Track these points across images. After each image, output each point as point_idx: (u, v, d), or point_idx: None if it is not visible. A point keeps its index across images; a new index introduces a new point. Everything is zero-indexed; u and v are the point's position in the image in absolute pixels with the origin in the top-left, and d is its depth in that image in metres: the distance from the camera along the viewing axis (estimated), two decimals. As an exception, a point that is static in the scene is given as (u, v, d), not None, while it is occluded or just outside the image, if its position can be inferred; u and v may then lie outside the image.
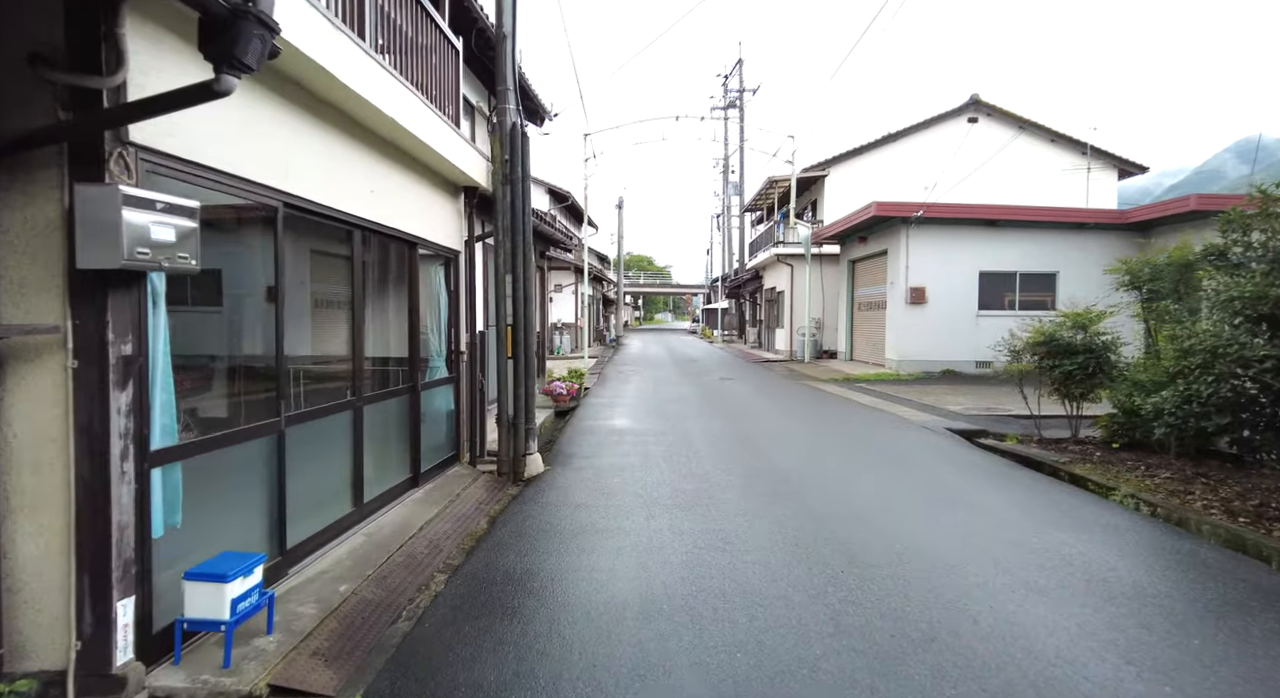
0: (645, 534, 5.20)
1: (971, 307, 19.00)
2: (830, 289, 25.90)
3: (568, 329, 29.28)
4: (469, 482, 6.70)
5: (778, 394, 14.78)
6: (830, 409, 12.33)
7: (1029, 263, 19.03)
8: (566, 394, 12.64)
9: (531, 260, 7.13)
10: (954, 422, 10.71)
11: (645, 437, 9.26)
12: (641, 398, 13.89)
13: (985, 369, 18.83)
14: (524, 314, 7.10)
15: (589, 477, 7.05)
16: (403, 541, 4.90)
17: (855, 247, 22.66)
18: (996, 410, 11.93)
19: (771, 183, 27.46)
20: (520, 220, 7.02)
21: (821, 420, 11.03)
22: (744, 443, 8.83)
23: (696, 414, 11.44)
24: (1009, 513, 5.83)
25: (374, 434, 5.42)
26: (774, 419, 11.14)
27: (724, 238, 47.99)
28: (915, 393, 14.48)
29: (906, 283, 18.97)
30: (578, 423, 10.74)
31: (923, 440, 9.21)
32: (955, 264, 18.97)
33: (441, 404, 7.04)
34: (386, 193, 5.49)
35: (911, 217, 18.49)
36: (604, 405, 12.79)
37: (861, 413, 11.79)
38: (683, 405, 12.61)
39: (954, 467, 7.63)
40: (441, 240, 6.81)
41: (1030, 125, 25.59)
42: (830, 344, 25.85)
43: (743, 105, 41.28)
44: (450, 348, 7.15)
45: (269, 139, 3.83)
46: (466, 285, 7.38)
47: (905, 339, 19.02)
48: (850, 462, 7.85)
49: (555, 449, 8.62)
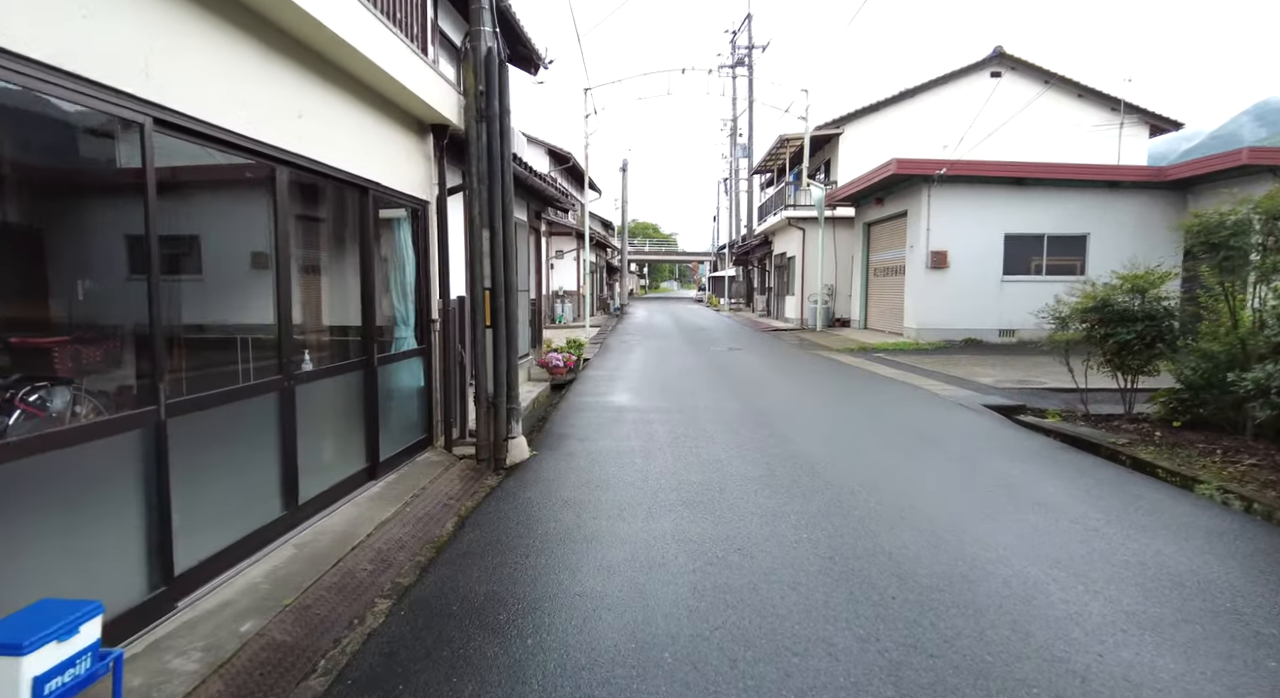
0: (644, 542, 4.24)
1: (996, 272, 17.87)
2: (843, 254, 24.72)
3: (569, 297, 28.24)
4: (440, 471, 5.75)
5: (792, 366, 13.78)
6: (851, 383, 11.32)
7: (1058, 225, 17.84)
8: (563, 367, 11.66)
9: (512, 213, 6.10)
10: (988, 396, 9.70)
11: (648, 415, 8.29)
12: (645, 370, 12.90)
13: (1009, 338, 17.80)
14: (504, 276, 6.08)
15: (581, 465, 6.09)
16: (343, 552, 3.95)
17: (871, 209, 21.46)
18: (1030, 383, 10.91)
19: (783, 141, 26.13)
20: (499, 165, 5.97)
21: (843, 396, 10.03)
22: (759, 423, 7.85)
23: (705, 389, 10.45)
24: (1081, 511, 4.85)
25: (313, 420, 4.46)
26: (790, 395, 10.15)
27: (731, 202, 46.59)
28: (939, 364, 13.45)
29: (927, 246, 17.83)
30: (574, 398, 9.77)
31: (959, 419, 8.21)
32: (979, 226, 17.80)
33: (409, 380, 6.06)
34: (324, 123, 4.45)
35: (934, 175, 17.28)
36: (604, 378, 11.82)
37: (885, 387, 10.78)
38: (689, 379, 11.62)
39: (1001, 451, 6.64)
40: (404, 187, 5.77)
41: (1056, 79, 24.12)
42: (843, 312, 24.76)
43: (751, 63, 39.63)
44: (420, 315, 6.15)
45: (114, 19, 2.79)
46: (439, 244, 6.35)
47: (925, 306, 17.94)
48: (882, 447, 6.87)
49: (547, 429, 7.66)
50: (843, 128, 25.55)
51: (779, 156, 28.96)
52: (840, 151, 25.93)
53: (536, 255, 13.58)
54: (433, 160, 6.27)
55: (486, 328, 6.05)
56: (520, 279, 10.97)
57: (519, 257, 11.21)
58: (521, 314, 11.17)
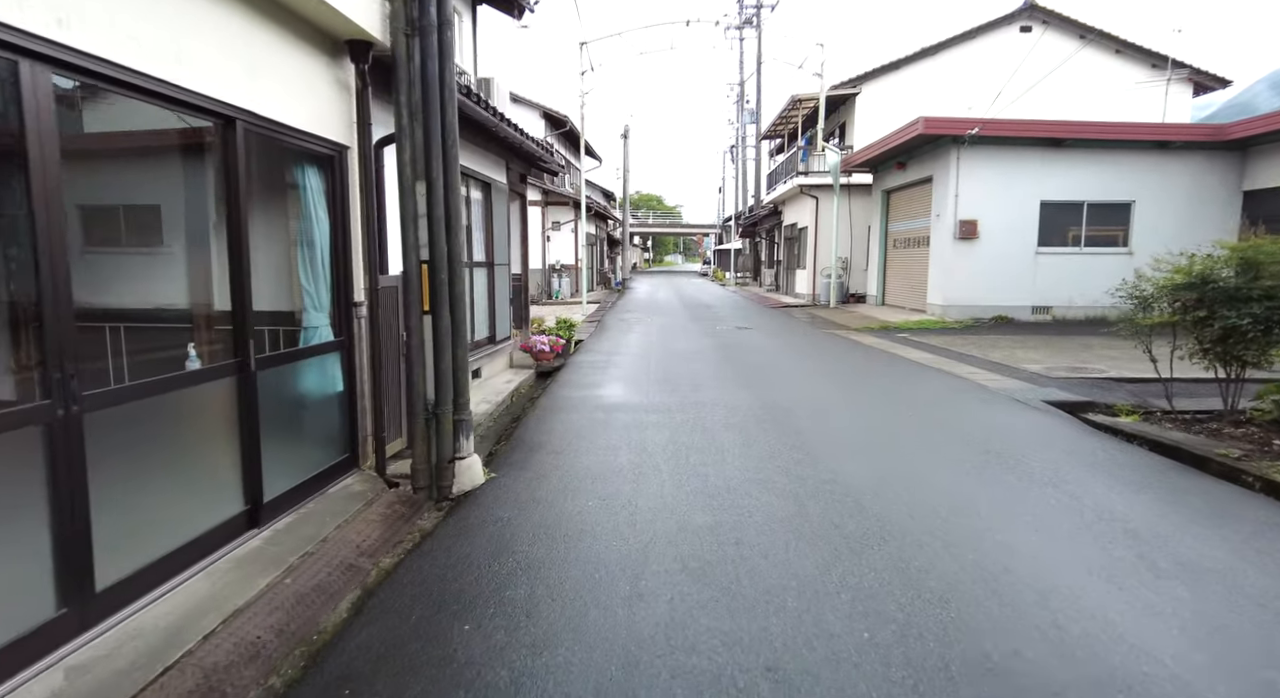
0: (623, 656, 2.78)
1: (1030, 242, 16.27)
2: (859, 225, 23.09)
3: (566, 271, 26.71)
4: (360, 507, 4.31)
5: (808, 349, 12.26)
6: (878, 370, 9.83)
7: (1100, 191, 16.19)
8: (550, 351, 10.20)
9: (456, 161, 4.57)
10: (1044, 389, 8.21)
11: (644, 416, 6.82)
12: (644, 354, 11.42)
13: (1044, 316, 16.26)
14: (448, 246, 4.59)
15: (551, 495, 4.62)
16: (147, 679, 2.51)
17: (891, 174, 19.78)
18: (1086, 371, 9.41)
19: (795, 102, 24.34)
20: (438, 94, 4.44)
21: (873, 388, 8.53)
22: (778, 427, 6.37)
23: (712, 378, 8.97)
24: (1260, 583, 3.39)
25: (133, 458, 3.01)
26: (810, 386, 8.65)
27: (738, 171, 44.71)
28: (974, 346, 11.94)
29: (955, 215, 16.21)
30: (559, 391, 8.31)
31: (1022, 421, 6.73)
32: (1012, 192, 16.17)
33: (321, 384, 4.59)
34: (158, 22, 2.93)
35: (965, 135, 15.60)
36: (597, 365, 10.35)
37: (920, 376, 9.28)
38: (694, 365, 10.14)
39: (1092, 470, 5.17)
40: (308, 125, 4.25)
41: (1093, 33, 22.20)
42: (858, 287, 23.18)
43: (760, 23, 37.56)
44: (338, 298, 4.67)
45: None
46: (367, 204, 4.84)
47: (952, 281, 16.37)
48: (939, 464, 5.39)
49: (517, 436, 6.21)
50: (860, 87, 23.73)
51: (790, 120, 27.15)
52: (856, 114, 24.13)
53: (523, 225, 12.03)
54: (353, 92, 4.73)
55: (424, 314, 4.57)
56: (500, 251, 9.47)
57: (498, 224, 9.70)
58: (503, 290, 9.69)
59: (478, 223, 8.86)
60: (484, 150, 8.75)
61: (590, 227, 32.72)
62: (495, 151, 9.14)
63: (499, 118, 7.54)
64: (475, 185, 8.69)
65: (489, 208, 9.06)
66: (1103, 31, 21.86)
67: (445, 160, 4.51)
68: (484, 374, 8.90)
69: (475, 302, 8.68)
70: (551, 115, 26.34)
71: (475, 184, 8.67)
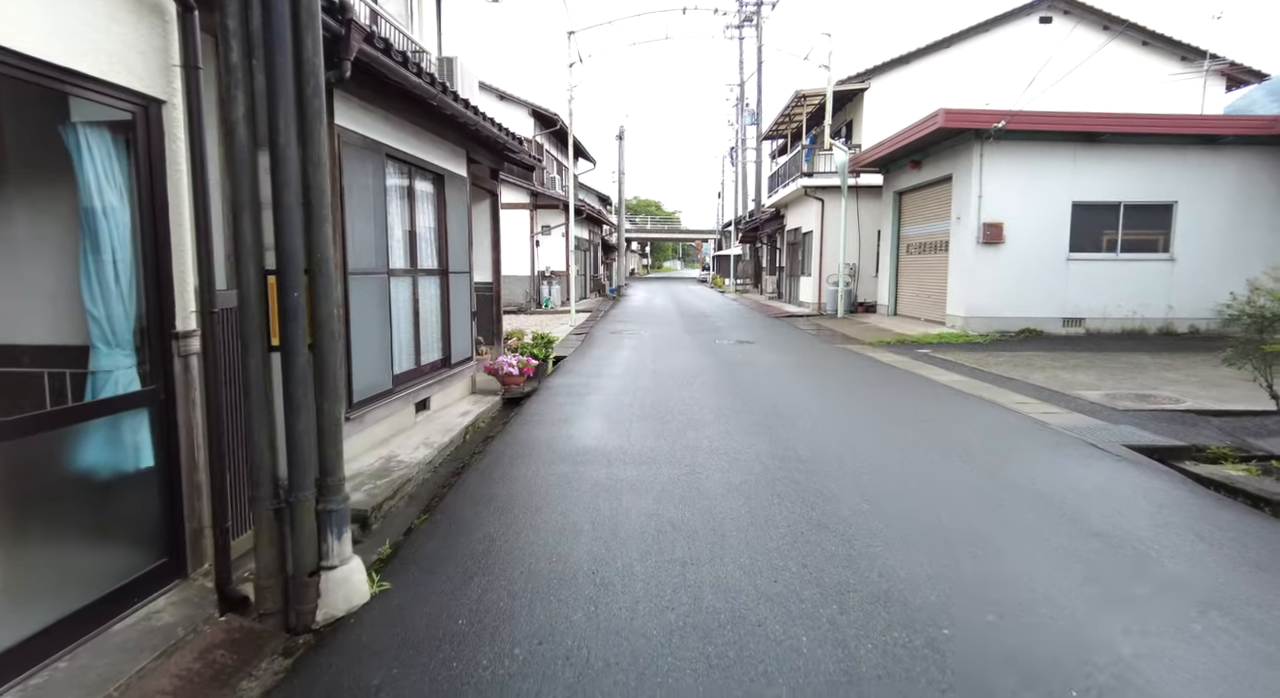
0: None
1: (1060, 248, 14.75)
2: (868, 229, 21.59)
3: (557, 278, 25.17)
4: (154, 657, 2.75)
5: (821, 369, 10.70)
6: (910, 397, 8.26)
7: (1138, 190, 14.67)
8: (520, 374, 8.65)
9: (320, 119, 3.03)
10: (1117, 426, 6.67)
11: (621, 472, 5.25)
12: (632, 376, 9.86)
13: (1075, 329, 14.73)
14: (311, 248, 3.04)
15: (460, 633, 3.03)
16: None
17: (905, 174, 18.28)
18: (1154, 400, 7.87)
19: (799, 98, 22.85)
20: (288, 16, 2.91)
21: (911, 425, 6.96)
22: (800, 492, 4.80)
23: (710, 412, 7.41)
24: None
25: None
26: (832, 423, 7.09)
27: (738, 174, 43.27)
28: (1010, 365, 10.39)
29: (978, 217, 14.69)
30: (520, 430, 6.75)
31: (1112, 479, 5.16)
32: (1041, 192, 14.66)
33: (114, 456, 3.03)
34: None
35: (990, 129, 14.09)
36: (576, 390, 8.79)
37: (962, 407, 7.73)
38: (689, 391, 8.58)
39: (1252, 571, 3.62)
40: (81, 63, 2.72)
41: (1118, 23, 20.70)
42: (867, 295, 21.67)
43: (760, 21, 36.16)
44: (147, 328, 3.13)
45: None
46: (197, 185, 3.28)
47: (975, 290, 14.84)
48: (1038, 562, 3.80)
49: (445, 506, 4.63)
50: (868, 82, 22.26)
51: (794, 118, 25.67)
52: (865, 111, 22.65)
53: (494, 226, 10.52)
54: (172, 19, 3.19)
55: (271, 350, 3.01)
56: (457, 256, 7.94)
57: (455, 224, 8.17)
58: (460, 303, 8.15)
59: (427, 223, 7.33)
60: (436, 136, 7.23)
61: (583, 231, 31.23)
62: (452, 138, 7.62)
63: (440, 88, 6.01)
64: (423, 176, 7.16)
65: (441, 204, 7.53)
66: (1129, 21, 20.36)
67: (303, 118, 2.97)
68: (433, 405, 7.34)
69: (423, 318, 7.14)
70: (541, 113, 24.87)
71: (423, 175, 7.14)
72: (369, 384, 5.74)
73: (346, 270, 5.35)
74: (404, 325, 6.73)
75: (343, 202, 5.28)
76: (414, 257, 6.89)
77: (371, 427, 5.85)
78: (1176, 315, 14.67)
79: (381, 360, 6.02)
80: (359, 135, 5.57)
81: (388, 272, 6.13)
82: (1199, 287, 14.49)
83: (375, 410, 5.86)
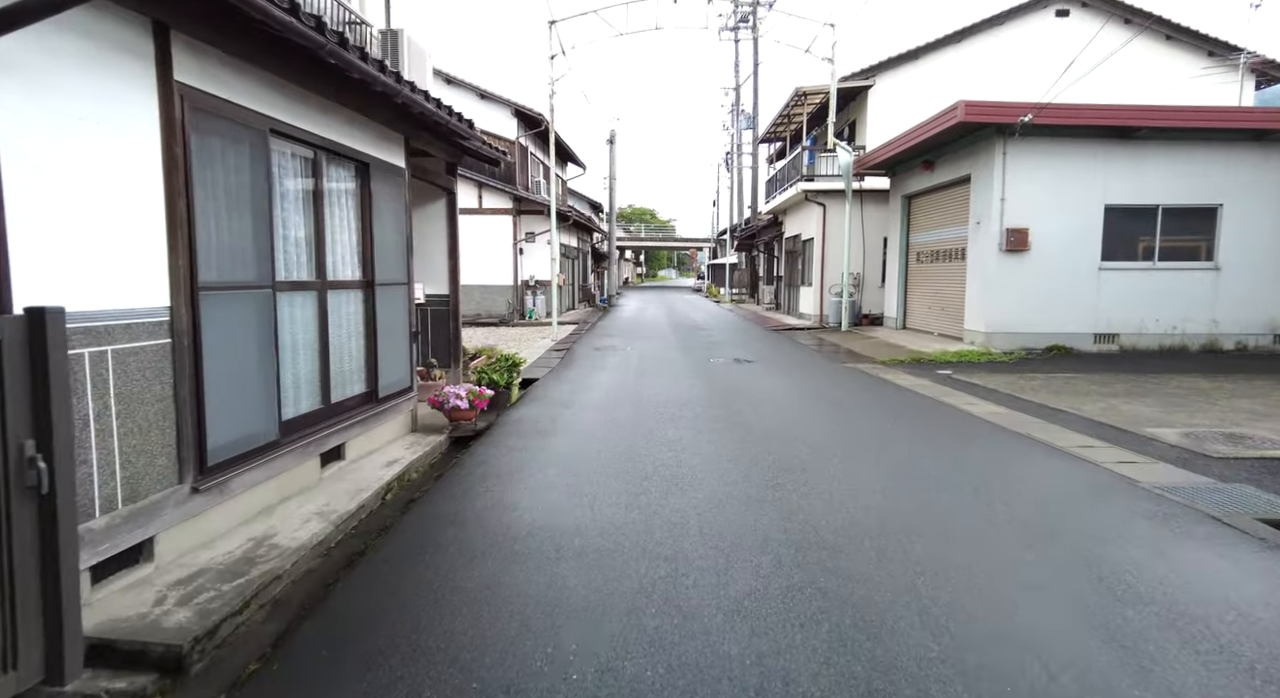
0: None
1: (1091, 256, 13.30)
2: (873, 236, 20.16)
3: (542, 287, 23.65)
4: None
5: (834, 398, 9.17)
6: (944, 437, 6.74)
7: (1177, 192, 13.24)
8: (469, 408, 7.13)
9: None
10: (1226, 483, 5.17)
11: (566, 582, 3.66)
12: (609, 409, 8.33)
13: (1108, 345, 13.26)
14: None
15: None
16: None
17: (915, 176, 16.85)
18: (1252, 441, 6.39)
19: (799, 96, 21.43)
20: None
21: (959, 487, 5.42)
22: (833, 618, 3.26)
23: (702, 463, 5.88)
24: None
25: None
26: (860, 484, 5.54)
27: (734, 181, 41.88)
28: (1049, 392, 8.90)
29: (1001, 222, 13.24)
30: (448, 495, 5.20)
31: (1270, 579, 3.65)
32: (1071, 194, 13.22)
33: None
34: None
35: (1014, 123, 12.65)
36: (537, 429, 7.26)
37: (1013, 453, 6.21)
38: (676, 431, 7.04)
39: None
40: None
41: (1139, 16, 19.34)
42: (872, 307, 20.21)
43: (756, 22, 34.84)
44: None
45: None
46: None
47: (997, 302, 13.36)
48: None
49: (293, 646, 3.11)
50: (873, 79, 20.86)
51: (793, 119, 24.26)
52: (869, 111, 21.24)
53: (450, 228, 9.01)
54: None
55: None
56: (388, 263, 6.45)
57: (383, 222, 6.62)
58: (394, 321, 6.65)
59: (346, 222, 5.82)
60: (357, 114, 5.74)
61: (570, 238, 29.76)
62: (382, 119, 6.12)
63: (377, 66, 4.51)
64: (338, 164, 5.65)
65: (367, 199, 6.02)
66: (1153, 14, 18.98)
67: None
68: (350, 453, 5.80)
69: (336, 343, 5.62)
70: (524, 113, 23.41)
71: (338, 162, 5.63)
72: (236, 438, 4.21)
73: (196, 285, 3.83)
74: (304, 354, 5.19)
75: (189, 188, 3.76)
76: (321, 265, 5.36)
77: (240, 496, 4.30)
78: (1222, 331, 13.22)
79: (260, 403, 4.48)
80: (220, 101, 4.05)
81: (272, 285, 4.60)
82: (1247, 299, 13.07)
83: (248, 472, 4.31)
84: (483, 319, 22.68)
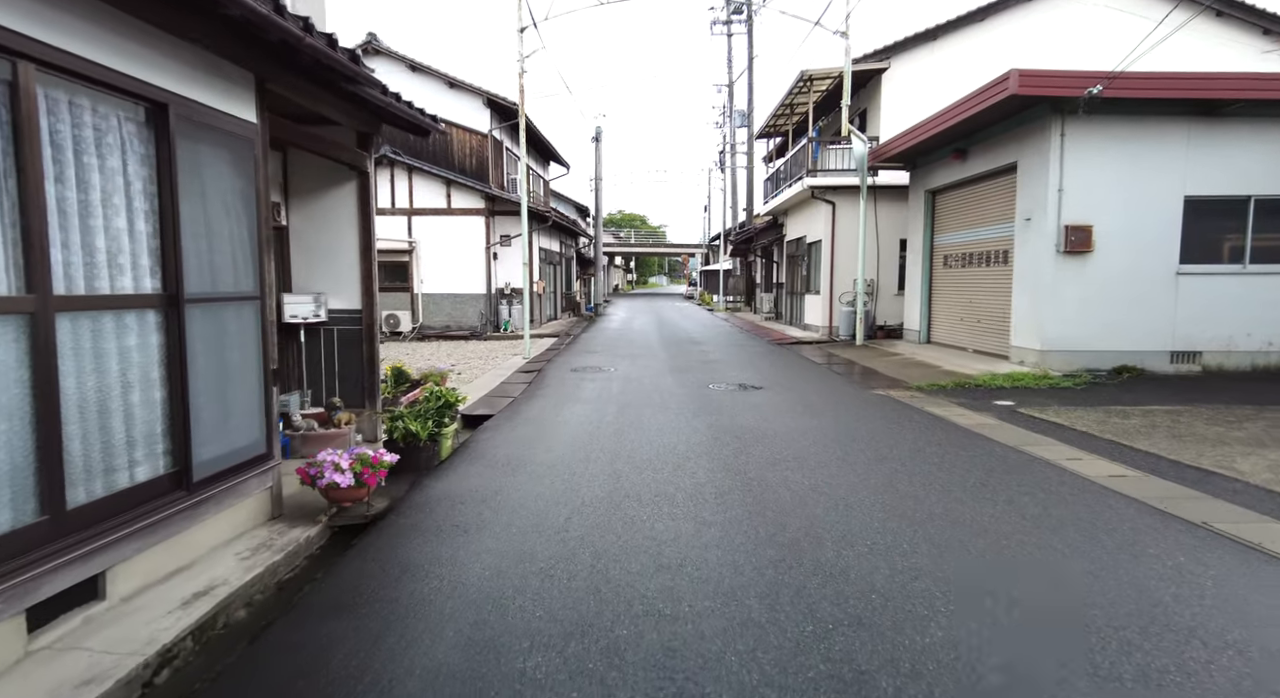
0: None
1: (1168, 257, 11.04)
2: (887, 238, 17.90)
3: (519, 296, 21.25)
4: None
5: (875, 445, 6.79)
6: (1071, 542, 4.36)
7: (1275, 181, 11.01)
8: (357, 485, 4.73)
9: None
10: None
11: None
12: (575, 472, 5.93)
13: (1189, 365, 10.96)
14: None
15: None
16: None
17: (941, 167, 14.58)
18: None
19: (805, 81, 19.13)
20: None
21: (1127, 650, 3.08)
22: None
23: (711, 590, 3.49)
24: None
25: None
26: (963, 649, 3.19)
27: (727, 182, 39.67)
28: (1172, 437, 6.55)
29: (1059, 218, 10.96)
30: (264, 675, 2.82)
31: None
32: (1142, 184, 10.97)
33: None
34: None
35: (1080, 97, 10.38)
36: (463, 517, 4.85)
37: (1197, 568, 3.83)
38: (668, 522, 4.65)
39: None
40: None
41: (1189, -8, 17.15)
42: (887, 318, 17.93)
43: (750, 13, 32.70)
44: None
45: None
46: None
47: (1055, 314, 11.06)
48: None
49: None
50: (887, 62, 18.60)
51: (796, 109, 21.98)
52: (882, 99, 18.98)
53: (362, 221, 6.68)
54: None
55: None
56: (222, 267, 4.06)
57: (214, 204, 3.99)
58: (228, 356, 4.26)
59: (114, 199, 3.45)
60: (151, 25, 3.39)
61: (552, 242, 27.40)
62: (199, 28, 3.74)
63: None
64: (96, 101, 3.27)
65: (167, 165, 3.64)
66: (1205, -13, 16.79)
67: None
68: (123, 585, 3.40)
69: (88, 401, 3.25)
70: (498, 103, 21.06)
71: (97, 97, 3.25)
72: None
73: None
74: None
75: None
76: (46, 273, 2.98)
77: None
78: (1330, 348, 10.98)
79: None
80: None
81: None
82: (1363, 309, 10.85)
83: None
84: (452, 332, 20.25)
